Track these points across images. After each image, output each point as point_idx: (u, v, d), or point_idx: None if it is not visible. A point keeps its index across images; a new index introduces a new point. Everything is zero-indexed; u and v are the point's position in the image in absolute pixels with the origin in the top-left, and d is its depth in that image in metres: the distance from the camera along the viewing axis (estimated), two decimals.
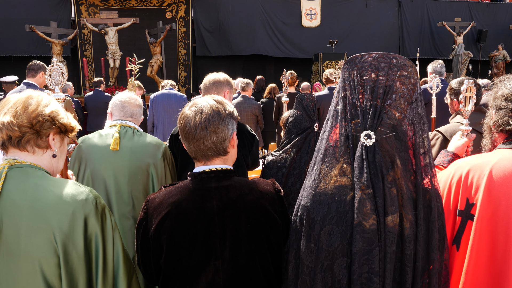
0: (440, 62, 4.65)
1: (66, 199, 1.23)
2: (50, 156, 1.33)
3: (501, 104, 1.44)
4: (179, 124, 1.41)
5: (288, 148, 2.37)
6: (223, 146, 1.39)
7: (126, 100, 2.36)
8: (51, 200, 1.22)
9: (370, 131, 1.18)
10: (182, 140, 1.41)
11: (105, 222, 1.29)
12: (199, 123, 1.34)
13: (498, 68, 14.06)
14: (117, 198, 2.20)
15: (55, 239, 1.19)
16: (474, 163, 1.41)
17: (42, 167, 1.31)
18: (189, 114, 1.37)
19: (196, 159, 1.42)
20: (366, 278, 1.14)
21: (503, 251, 1.29)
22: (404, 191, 1.17)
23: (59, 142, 1.36)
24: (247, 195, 1.38)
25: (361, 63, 1.22)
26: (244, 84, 5.66)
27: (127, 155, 2.22)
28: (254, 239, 1.36)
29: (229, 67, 13.21)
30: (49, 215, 1.20)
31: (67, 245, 1.20)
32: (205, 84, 2.52)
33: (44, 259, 1.19)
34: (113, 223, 1.32)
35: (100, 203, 1.30)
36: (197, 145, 1.37)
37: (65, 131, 1.36)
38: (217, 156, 1.40)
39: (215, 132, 1.36)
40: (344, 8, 14.71)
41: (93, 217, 1.25)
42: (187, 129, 1.36)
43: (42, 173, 1.28)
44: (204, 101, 1.40)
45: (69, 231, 1.21)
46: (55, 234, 1.19)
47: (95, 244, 1.26)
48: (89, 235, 1.25)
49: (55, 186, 1.25)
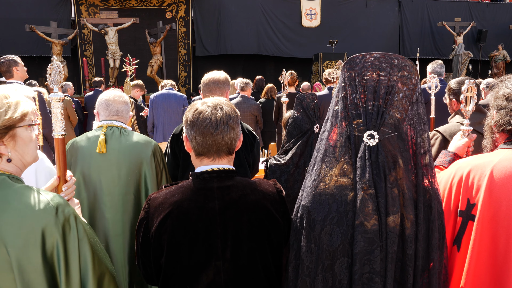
0: (440, 63, 4.65)
1: (22, 212, 1.16)
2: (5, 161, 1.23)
3: (502, 104, 1.43)
4: (192, 118, 1.36)
5: (290, 152, 2.35)
6: (233, 145, 1.40)
7: (110, 98, 2.31)
8: (5, 213, 1.15)
9: (373, 131, 1.18)
10: (194, 135, 1.36)
11: (69, 231, 1.21)
12: (220, 118, 1.34)
13: (498, 68, 14.06)
14: (109, 201, 2.17)
15: (8, 254, 1.13)
16: (475, 164, 1.40)
17: (5, 172, 1.23)
18: (205, 109, 1.35)
19: (204, 155, 1.38)
20: (367, 278, 1.14)
21: (504, 251, 1.28)
22: (405, 191, 1.18)
23: (12, 142, 1.24)
24: (249, 195, 1.38)
25: (363, 63, 1.22)
26: (243, 84, 5.65)
27: (115, 156, 2.19)
28: (256, 239, 1.36)
29: (229, 67, 13.20)
30: (3, 230, 1.13)
31: (21, 260, 1.14)
32: (207, 84, 2.49)
33: (1, 275, 1.13)
34: (81, 232, 1.24)
35: (62, 212, 1.21)
36: (215, 140, 1.35)
37: (11, 126, 1.21)
38: (226, 154, 1.40)
39: (233, 129, 1.37)
40: (344, 8, 14.71)
41: (53, 227, 1.18)
42: (207, 122, 1.33)
43: (3, 179, 1.20)
44: (217, 100, 1.40)
45: (23, 245, 1.14)
46: (8, 249, 1.13)
47: (57, 255, 1.19)
48: (48, 248, 1.17)
49: (12, 196, 1.18)
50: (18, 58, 4.19)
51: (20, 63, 4.15)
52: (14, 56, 4.17)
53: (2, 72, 4.13)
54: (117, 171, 2.18)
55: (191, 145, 1.40)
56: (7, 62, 4.08)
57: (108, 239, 2.17)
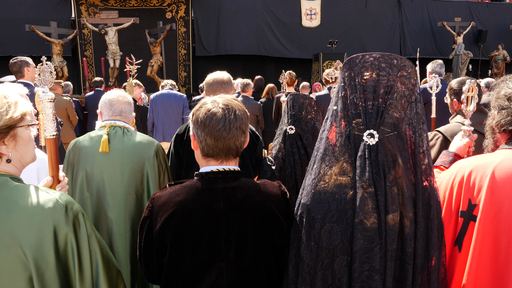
0: (440, 62, 4.64)
1: (31, 210, 1.16)
2: (5, 162, 1.23)
3: (503, 104, 1.43)
4: (203, 118, 1.32)
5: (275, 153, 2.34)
6: (242, 148, 1.39)
7: (114, 98, 2.31)
8: (15, 213, 1.14)
9: (373, 130, 1.18)
10: (205, 137, 1.32)
11: (79, 229, 1.22)
12: (233, 122, 1.31)
13: (498, 68, 14.07)
14: (112, 200, 2.18)
15: (25, 254, 1.13)
16: (476, 164, 1.40)
17: (6, 172, 1.23)
18: (218, 111, 1.31)
19: (212, 157, 1.36)
20: (367, 276, 1.14)
21: (506, 252, 1.28)
22: (404, 190, 1.18)
23: (13, 142, 1.23)
24: (254, 197, 1.37)
25: (362, 63, 1.23)
26: (244, 84, 5.65)
27: (118, 156, 2.19)
28: (259, 241, 1.35)
29: (229, 67, 13.15)
30: (14, 230, 1.13)
31: (37, 259, 1.14)
32: (211, 84, 2.47)
33: (13, 275, 1.13)
34: (89, 228, 1.25)
35: (71, 209, 1.22)
36: (226, 144, 1.32)
37: (12, 126, 1.20)
38: (234, 157, 1.39)
39: (244, 133, 1.36)
40: (344, 8, 14.71)
41: (64, 226, 1.18)
42: (220, 127, 1.30)
43: (5, 180, 1.20)
44: (228, 100, 1.37)
45: (37, 244, 1.14)
46: (24, 249, 1.13)
47: (71, 253, 1.20)
48: (61, 246, 1.18)
49: (19, 196, 1.18)
50: (30, 60, 4.22)
51: (31, 64, 4.17)
52: (27, 58, 4.21)
53: (14, 72, 4.14)
54: (120, 171, 2.19)
55: (199, 145, 1.37)
56: (19, 63, 4.10)
57: (112, 238, 2.18)
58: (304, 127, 2.30)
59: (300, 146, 2.27)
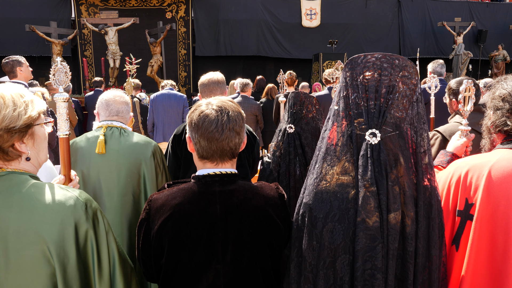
0: (441, 62, 4.64)
1: (54, 208, 1.18)
2: (25, 160, 1.25)
3: (498, 105, 1.44)
4: (196, 121, 1.33)
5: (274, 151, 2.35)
6: (238, 150, 1.38)
7: (110, 98, 2.30)
8: (38, 210, 1.16)
9: (375, 129, 1.19)
10: (198, 139, 1.34)
11: (98, 226, 1.25)
12: (226, 123, 1.31)
13: (498, 68, 14.08)
14: (109, 201, 2.16)
15: (49, 250, 1.15)
16: (473, 163, 1.41)
17: (25, 171, 1.24)
18: (211, 112, 1.32)
19: (207, 159, 1.36)
20: (369, 274, 1.15)
21: (502, 251, 1.29)
22: (406, 189, 1.19)
23: (31, 140, 1.25)
24: (251, 200, 1.37)
25: (364, 63, 1.23)
26: (243, 84, 5.65)
27: (114, 157, 2.18)
28: (256, 244, 1.36)
29: (229, 67, 13.23)
30: (38, 226, 1.15)
31: (60, 255, 1.16)
32: (207, 84, 2.48)
33: (36, 271, 1.15)
34: (106, 225, 1.28)
35: (90, 207, 1.24)
36: (219, 146, 1.32)
37: (30, 124, 1.22)
38: (230, 159, 1.38)
39: (239, 134, 1.35)
40: (344, 8, 14.72)
41: (84, 222, 1.21)
42: (212, 128, 1.30)
43: (26, 178, 1.22)
44: (223, 102, 1.36)
45: (59, 240, 1.16)
46: (48, 245, 1.15)
47: (91, 249, 1.22)
48: (81, 242, 1.21)
49: (41, 193, 1.19)
50: (23, 59, 4.17)
51: (24, 63, 4.13)
52: (19, 57, 4.15)
53: (6, 72, 4.11)
54: (117, 172, 2.17)
55: (194, 147, 1.38)
56: (11, 63, 4.06)
57: None
58: (304, 126, 2.30)
59: (298, 145, 2.27)
